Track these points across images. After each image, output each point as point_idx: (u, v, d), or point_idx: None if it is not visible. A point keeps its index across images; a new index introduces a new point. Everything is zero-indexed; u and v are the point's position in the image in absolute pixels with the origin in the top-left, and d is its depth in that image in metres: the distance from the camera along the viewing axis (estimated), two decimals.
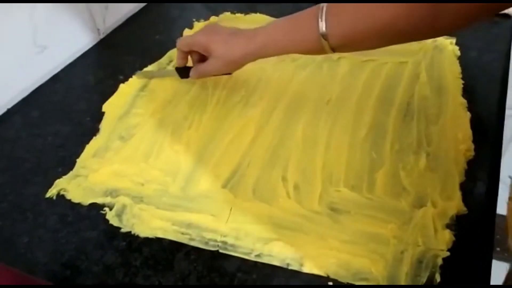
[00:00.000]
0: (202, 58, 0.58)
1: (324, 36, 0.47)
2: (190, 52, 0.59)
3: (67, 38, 0.68)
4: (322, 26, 0.47)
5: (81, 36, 0.71)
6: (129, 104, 0.61)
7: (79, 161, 0.53)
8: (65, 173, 0.52)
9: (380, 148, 0.53)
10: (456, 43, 0.67)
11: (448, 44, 0.68)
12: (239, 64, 0.56)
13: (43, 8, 0.63)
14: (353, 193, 0.48)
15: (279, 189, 0.49)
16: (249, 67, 0.62)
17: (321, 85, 0.62)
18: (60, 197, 0.49)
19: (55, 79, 0.66)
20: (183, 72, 0.61)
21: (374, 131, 0.55)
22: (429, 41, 0.68)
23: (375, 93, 0.60)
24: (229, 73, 0.60)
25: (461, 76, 0.62)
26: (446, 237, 0.43)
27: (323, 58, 0.66)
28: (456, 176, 0.49)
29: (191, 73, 0.60)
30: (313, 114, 0.58)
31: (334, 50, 0.49)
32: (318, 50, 0.50)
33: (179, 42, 0.59)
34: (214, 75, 0.60)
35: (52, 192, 0.50)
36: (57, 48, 0.66)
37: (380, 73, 0.63)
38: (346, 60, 0.66)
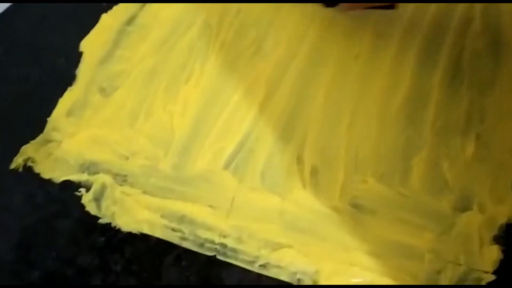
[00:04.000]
0: None
1: None
2: None
3: None
4: None
5: None
6: (112, 42, 0.49)
7: (50, 120, 0.43)
8: (33, 135, 0.42)
9: (419, 123, 0.43)
10: None
11: None
12: None
13: None
14: (383, 185, 0.39)
15: (293, 175, 0.40)
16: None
17: (350, 30, 0.50)
18: (27, 169, 0.41)
19: (23, 5, 0.53)
20: None
21: (412, 99, 0.44)
22: None
23: (416, 45, 0.48)
24: (392, 7, 0.48)
25: None
26: (493, 254, 0.36)
27: None
28: (511, 170, 0.40)
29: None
30: (337, 72, 0.46)
31: None
32: None
33: None
34: (375, 6, 0.48)
35: (17, 163, 0.41)
36: None
37: (423, 16, 0.50)
38: None
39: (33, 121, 0.44)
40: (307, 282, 0.35)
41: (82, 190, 0.39)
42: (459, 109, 0.43)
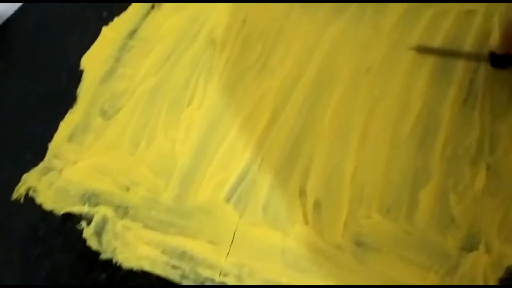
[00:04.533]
0: None
1: None
2: None
3: None
4: None
5: None
6: (114, 59, 0.48)
7: (51, 146, 0.43)
8: (34, 162, 0.42)
9: (428, 151, 0.41)
10: None
11: None
12: None
13: None
14: (388, 221, 0.38)
15: (296, 209, 0.39)
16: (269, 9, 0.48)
17: (361, 41, 0.47)
18: (30, 199, 0.41)
19: (23, 12, 0.52)
20: (501, 60, 0.43)
21: (422, 124, 0.43)
22: None
23: (431, 61, 0.46)
24: None
25: None
26: None
27: None
28: None
29: None
30: (347, 89, 0.45)
31: None
32: None
33: None
34: None
35: (19, 192, 0.41)
36: None
37: (439, 28, 0.48)
38: (396, 4, 0.50)
39: (34, 144, 0.43)
40: None
41: (83, 224, 0.39)
42: (470, 136, 0.42)
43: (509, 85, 0.44)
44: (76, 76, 0.47)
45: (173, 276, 0.37)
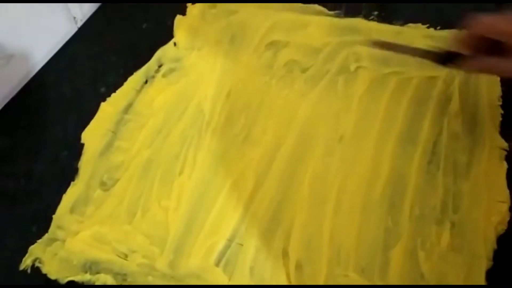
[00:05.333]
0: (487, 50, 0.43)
1: None
2: (478, 38, 0.44)
3: (37, 33, 0.58)
4: None
5: (54, 27, 0.60)
6: (111, 133, 0.52)
7: (55, 218, 0.47)
8: (40, 234, 0.46)
9: (398, 212, 0.46)
10: None
11: None
12: None
13: None
14: (363, 279, 0.42)
15: (279, 269, 0.43)
16: (250, 83, 0.53)
17: (335, 111, 0.53)
18: (35, 269, 0.44)
19: (25, 92, 0.57)
20: (446, 57, 0.46)
21: (392, 186, 0.47)
22: None
23: (397, 126, 0.51)
24: None
25: (501, 102, 0.51)
26: None
27: (338, 69, 0.56)
28: (484, 261, 0.42)
29: (471, 63, 0.45)
30: (322, 158, 0.49)
31: None
32: None
33: (476, 22, 0.43)
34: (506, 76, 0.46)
35: (26, 264, 0.45)
36: (24, 54, 0.56)
37: (404, 94, 0.53)
38: (365, 73, 0.55)
39: (39, 218, 0.47)
40: None
41: None
42: (435, 197, 0.46)
43: (468, 147, 0.49)
44: (76, 153, 0.51)
45: None
